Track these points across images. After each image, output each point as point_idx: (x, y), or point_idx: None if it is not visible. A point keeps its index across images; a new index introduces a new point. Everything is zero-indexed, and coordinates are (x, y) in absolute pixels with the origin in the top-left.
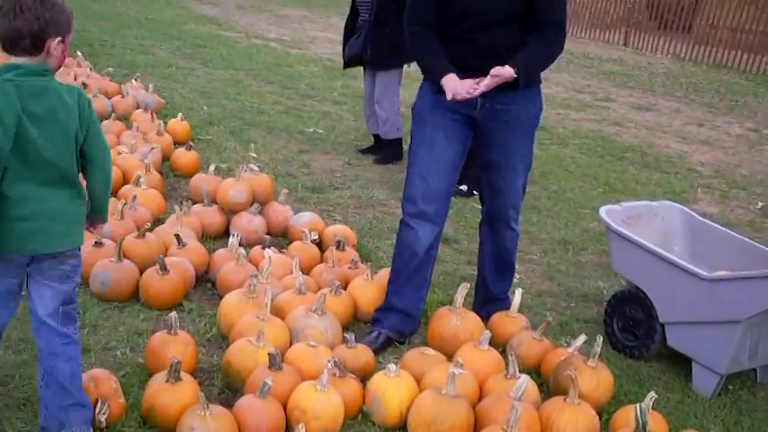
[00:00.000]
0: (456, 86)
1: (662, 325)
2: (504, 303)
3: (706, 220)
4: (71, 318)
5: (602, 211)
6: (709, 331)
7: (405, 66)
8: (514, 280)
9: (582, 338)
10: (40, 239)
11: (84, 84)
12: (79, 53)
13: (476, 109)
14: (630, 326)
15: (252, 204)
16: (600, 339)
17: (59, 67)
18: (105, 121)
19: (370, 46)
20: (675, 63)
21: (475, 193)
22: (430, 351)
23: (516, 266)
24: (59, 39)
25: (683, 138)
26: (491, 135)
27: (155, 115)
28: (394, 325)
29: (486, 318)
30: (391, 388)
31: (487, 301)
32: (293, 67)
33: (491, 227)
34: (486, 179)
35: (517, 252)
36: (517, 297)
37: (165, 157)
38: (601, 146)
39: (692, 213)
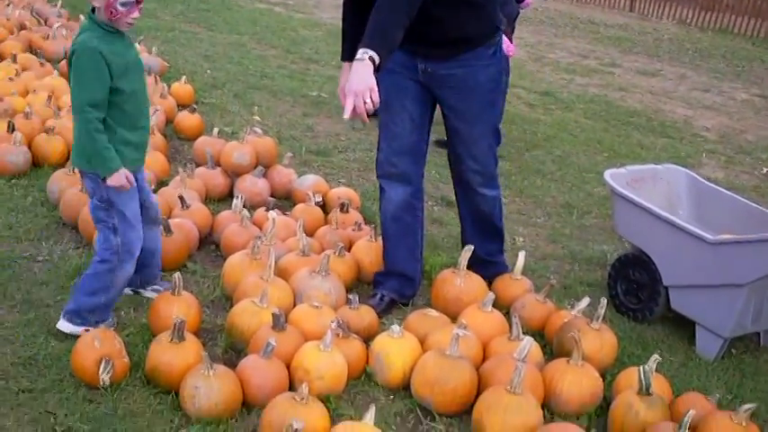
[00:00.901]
0: (341, 84)
1: (666, 288)
2: (496, 267)
3: (711, 184)
4: (102, 231)
5: (607, 174)
6: (713, 295)
7: None
8: (518, 242)
9: (586, 301)
10: None
11: None
12: (82, 17)
13: (418, 73)
14: (634, 289)
15: (256, 167)
16: (604, 302)
17: (112, 21)
18: None
19: None
20: (681, 28)
21: None
22: (433, 313)
23: (520, 229)
24: None
25: (688, 103)
26: (443, 102)
27: (158, 78)
28: (395, 287)
29: None
30: (395, 349)
31: (476, 263)
32: (297, 32)
33: (462, 190)
34: (448, 143)
35: (520, 215)
36: (520, 259)
37: (169, 120)
38: (606, 111)
39: (698, 177)
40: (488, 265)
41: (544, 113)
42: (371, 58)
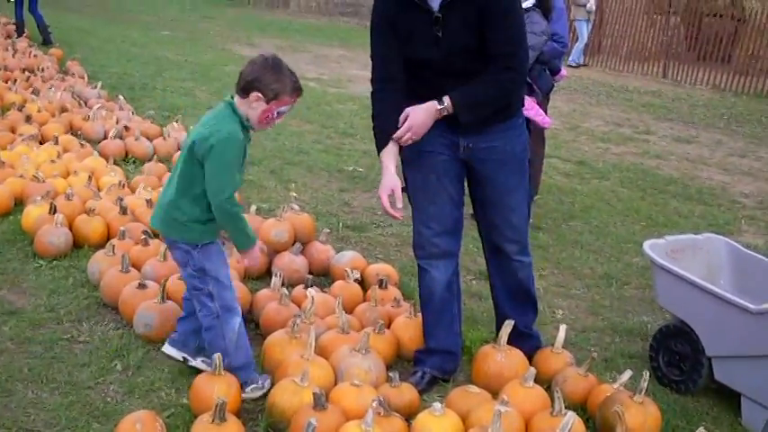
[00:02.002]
0: (385, 185)
1: (709, 359)
2: (533, 339)
3: (752, 252)
4: (199, 300)
5: (646, 245)
6: (758, 365)
7: None
8: (558, 315)
9: (628, 374)
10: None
11: (126, 127)
12: (121, 97)
13: (460, 151)
14: (677, 360)
15: (293, 244)
16: (647, 374)
17: (260, 122)
18: (147, 164)
19: None
20: (715, 94)
21: None
22: (475, 389)
23: (559, 302)
24: (261, 96)
25: (725, 169)
26: (481, 174)
27: None
28: (436, 364)
29: None
30: (437, 426)
31: (514, 336)
32: (332, 106)
33: (495, 260)
34: (480, 214)
35: (559, 288)
36: (561, 333)
37: None
38: (642, 179)
39: (738, 245)
40: (526, 338)
41: (580, 183)
42: None
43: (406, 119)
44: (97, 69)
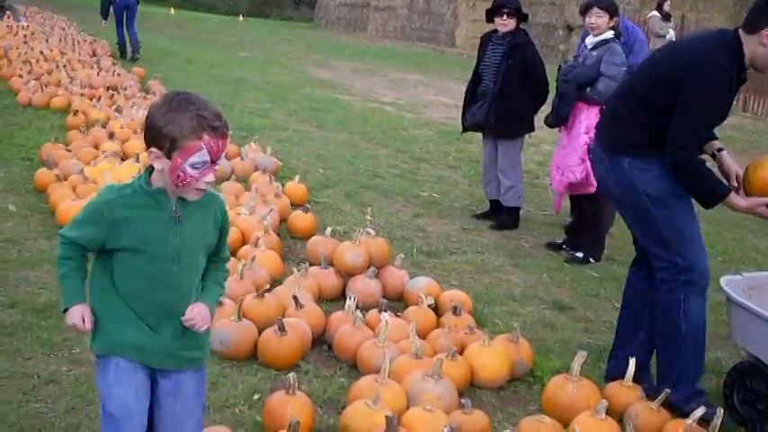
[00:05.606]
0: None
1: None
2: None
3: None
4: None
5: (723, 281)
6: None
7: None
8: None
9: (701, 410)
10: None
11: None
12: None
13: None
14: (752, 399)
15: (368, 268)
16: (720, 411)
17: (176, 186)
18: (225, 182)
19: (495, 114)
20: None
21: (591, 260)
22: (546, 419)
23: None
24: (154, 151)
25: None
26: None
27: (272, 177)
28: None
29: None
30: None
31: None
32: (408, 131)
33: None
34: None
35: None
36: (631, 366)
37: (282, 219)
38: (718, 213)
39: None
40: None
41: None
42: None
43: None
44: (177, 88)
